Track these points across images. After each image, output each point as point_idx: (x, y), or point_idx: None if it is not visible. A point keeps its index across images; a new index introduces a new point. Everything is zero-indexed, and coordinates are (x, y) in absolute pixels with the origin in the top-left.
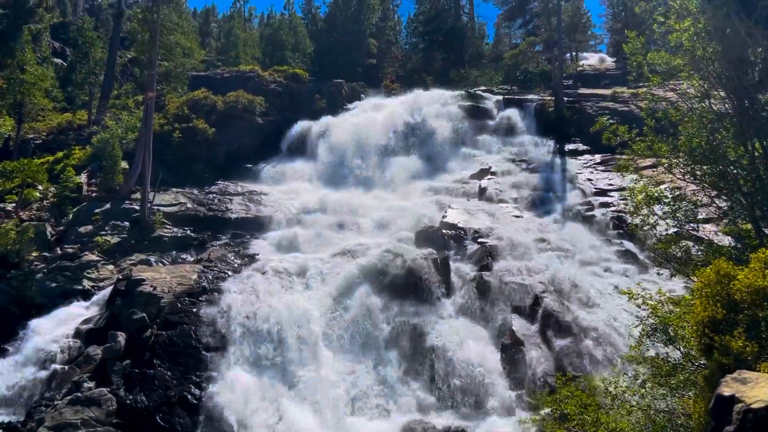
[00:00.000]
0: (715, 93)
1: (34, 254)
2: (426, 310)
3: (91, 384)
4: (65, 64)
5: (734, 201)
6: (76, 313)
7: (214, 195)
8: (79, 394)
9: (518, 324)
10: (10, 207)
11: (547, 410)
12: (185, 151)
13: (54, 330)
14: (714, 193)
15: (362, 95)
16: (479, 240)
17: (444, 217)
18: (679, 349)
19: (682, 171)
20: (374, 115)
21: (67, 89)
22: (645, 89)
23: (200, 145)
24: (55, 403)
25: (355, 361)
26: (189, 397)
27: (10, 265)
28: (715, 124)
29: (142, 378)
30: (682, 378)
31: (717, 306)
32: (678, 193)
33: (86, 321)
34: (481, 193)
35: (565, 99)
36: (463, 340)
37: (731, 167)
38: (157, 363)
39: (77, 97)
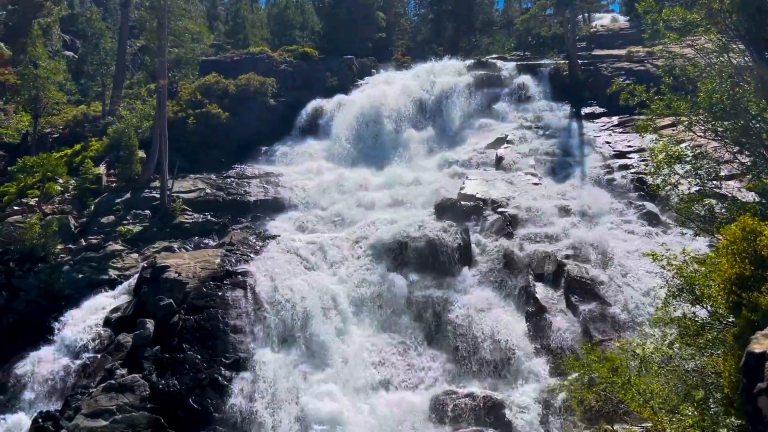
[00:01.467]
0: (734, 46)
1: (59, 247)
2: (448, 282)
3: (124, 371)
4: (76, 56)
5: (757, 156)
6: (105, 303)
7: (232, 179)
8: (112, 381)
9: (542, 291)
10: (32, 202)
11: (575, 375)
12: (200, 137)
13: (84, 320)
14: (736, 148)
15: (373, 70)
16: (498, 209)
17: (462, 188)
18: (706, 308)
19: (703, 128)
20: (386, 90)
21: (80, 81)
22: (661, 47)
23: (215, 130)
24: (91, 390)
25: (380, 336)
26: (219, 378)
27: (37, 259)
28: (735, 78)
29: (172, 362)
30: (710, 337)
31: (744, 263)
32: (699, 150)
33: (115, 310)
34: (498, 163)
35: (580, 62)
36: (487, 309)
37: (753, 121)
38: (187, 347)
39: (90, 88)
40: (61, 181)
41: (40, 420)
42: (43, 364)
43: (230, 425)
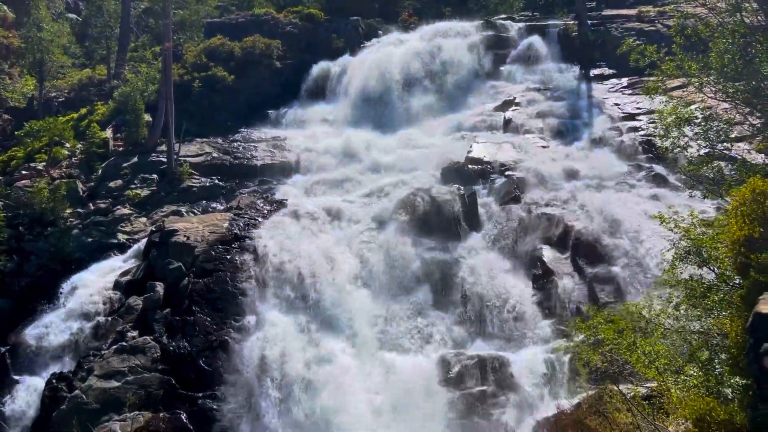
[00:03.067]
0: (747, 5)
1: (68, 211)
2: (455, 245)
3: (135, 333)
4: (79, 18)
5: None
6: (114, 266)
7: (239, 143)
8: (124, 344)
9: (549, 254)
10: (40, 166)
11: (581, 337)
12: (206, 100)
13: (95, 283)
14: (747, 110)
15: (380, 32)
16: (506, 173)
17: (469, 152)
18: (713, 270)
19: (714, 89)
20: (393, 52)
21: (84, 44)
22: (672, 6)
23: (221, 93)
24: (103, 352)
25: (388, 298)
26: (229, 340)
27: (47, 223)
28: (747, 38)
29: (182, 325)
30: (716, 298)
31: (754, 224)
32: (709, 112)
33: (124, 273)
34: (506, 125)
35: (589, 22)
36: (494, 272)
37: (765, 82)
38: (196, 310)
39: (95, 51)
40: (68, 145)
41: (54, 381)
42: (56, 326)
43: (240, 386)
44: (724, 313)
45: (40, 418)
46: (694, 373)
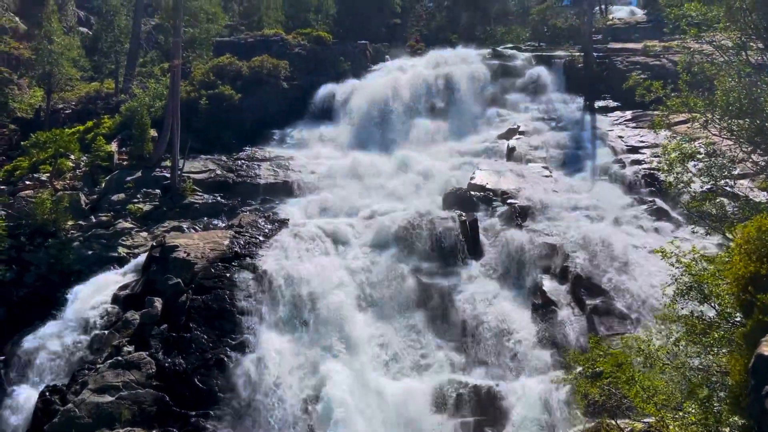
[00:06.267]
0: (753, 45)
1: (69, 223)
2: (455, 272)
3: (131, 348)
4: (90, 33)
5: None
6: (113, 280)
7: (243, 161)
8: (119, 358)
9: (549, 284)
10: (44, 177)
11: (579, 369)
12: (212, 118)
13: (93, 296)
14: (750, 148)
15: (387, 56)
16: (508, 201)
17: (472, 178)
18: (714, 307)
19: (718, 127)
20: (399, 77)
21: (93, 58)
22: (677, 42)
23: (227, 112)
24: (97, 366)
25: (387, 323)
26: (225, 359)
27: (48, 234)
28: (752, 78)
29: (179, 341)
30: (716, 336)
31: (761, 262)
32: (712, 148)
33: (123, 287)
34: (510, 153)
35: (595, 54)
36: (493, 300)
37: None
38: (194, 327)
39: (104, 65)
40: (72, 157)
41: (47, 393)
42: (52, 338)
43: (235, 406)
44: (723, 351)
45: (32, 430)
46: (694, 411)
